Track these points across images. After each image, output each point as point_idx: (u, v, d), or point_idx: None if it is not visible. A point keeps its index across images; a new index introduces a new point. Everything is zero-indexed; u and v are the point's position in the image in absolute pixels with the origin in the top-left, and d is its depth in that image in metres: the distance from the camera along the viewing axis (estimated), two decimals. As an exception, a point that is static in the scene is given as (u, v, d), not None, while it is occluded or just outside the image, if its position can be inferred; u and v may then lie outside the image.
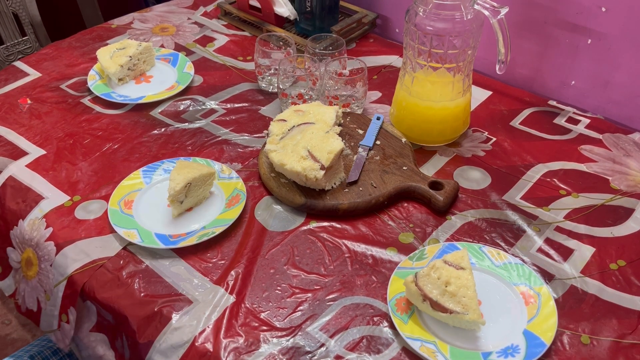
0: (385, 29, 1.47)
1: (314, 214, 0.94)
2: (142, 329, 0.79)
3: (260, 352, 0.75)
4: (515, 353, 0.74)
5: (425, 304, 0.76)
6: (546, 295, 0.80)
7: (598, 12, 1.10)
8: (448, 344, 0.75)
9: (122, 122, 1.14)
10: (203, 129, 1.12)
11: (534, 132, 1.12)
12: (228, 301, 0.81)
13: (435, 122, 1.05)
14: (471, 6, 0.93)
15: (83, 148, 1.08)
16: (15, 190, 1.00)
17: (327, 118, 1.00)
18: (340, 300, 0.82)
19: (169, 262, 0.87)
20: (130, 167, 1.03)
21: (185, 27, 1.44)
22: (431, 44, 0.95)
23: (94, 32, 1.42)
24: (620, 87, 1.15)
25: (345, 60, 1.15)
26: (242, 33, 1.43)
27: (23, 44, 1.62)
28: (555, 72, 1.22)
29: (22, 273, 0.97)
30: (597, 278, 0.85)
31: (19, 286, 0.98)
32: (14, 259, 0.99)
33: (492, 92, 1.23)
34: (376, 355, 0.75)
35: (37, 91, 1.22)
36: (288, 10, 1.35)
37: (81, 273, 0.86)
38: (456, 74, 0.99)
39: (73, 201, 0.97)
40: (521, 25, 1.20)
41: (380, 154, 1.03)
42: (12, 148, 1.08)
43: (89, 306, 0.86)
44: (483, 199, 0.98)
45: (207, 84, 1.25)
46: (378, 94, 1.22)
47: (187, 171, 0.92)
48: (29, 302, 0.96)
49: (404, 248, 0.89)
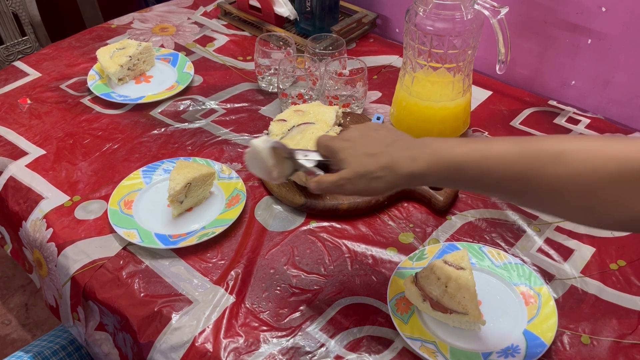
0: (385, 29, 1.47)
1: (314, 214, 0.94)
2: (143, 329, 0.79)
3: (260, 352, 0.75)
4: (515, 353, 0.74)
5: (425, 304, 0.76)
6: (546, 296, 0.80)
7: (598, 12, 1.10)
8: (448, 344, 0.75)
9: (122, 122, 1.14)
10: (203, 129, 1.12)
11: (534, 132, 1.12)
12: (228, 301, 0.81)
13: (435, 122, 1.05)
14: (471, 6, 0.93)
15: (83, 148, 1.08)
16: (16, 190, 1.00)
17: (327, 118, 1.00)
18: (340, 300, 0.82)
19: (169, 262, 0.87)
20: (130, 167, 1.03)
21: (185, 27, 1.44)
22: (431, 44, 0.95)
23: (94, 32, 1.42)
24: (620, 87, 1.15)
25: (345, 60, 1.15)
26: (242, 33, 1.43)
27: (23, 44, 1.62)
28: (556, 72, 1.22)
29: (38, 272, 0.98)
30: (597, 278, 0.85)
31: (41, 281, 0.99)
32: (29, 258, 1.00)
33: (492, 92, 1.23)
34: (376, 355, 0.75)
35: (37, 91, 1.22)
36: (288, 10, 1.35)
37: (82, 273, 0.86)
38: (456, 74, 0.99)
39: (73, 201, 0.97)
40: (521, 25, 1.20)
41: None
42: (12, 148, 1.08)
43: (91, 306, 0.86)
44: (483, 199, 0.98)
45: (207, 84, 1.25)
46: (378, 94, 1.22)
47: (187, 171, 0.92)
48: (49, 298, 0.98)
49: (404, 248, 0.89)
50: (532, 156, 0.55)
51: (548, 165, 0.54)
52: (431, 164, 0.62)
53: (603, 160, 0.52)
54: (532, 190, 0.57)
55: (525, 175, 0.56)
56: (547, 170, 0.54)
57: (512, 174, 0.57)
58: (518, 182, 0.57)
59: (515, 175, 0.57)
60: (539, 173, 0.55)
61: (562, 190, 0.54)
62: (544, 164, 0.54)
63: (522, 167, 0.56)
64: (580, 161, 0.53)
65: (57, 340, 0.99)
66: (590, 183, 0.53)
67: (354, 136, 0.69)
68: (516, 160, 0.56)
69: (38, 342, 0.99)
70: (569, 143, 0.55)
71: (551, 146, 0.55)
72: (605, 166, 0.52)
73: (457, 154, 0.60)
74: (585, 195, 0.54)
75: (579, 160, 0.53)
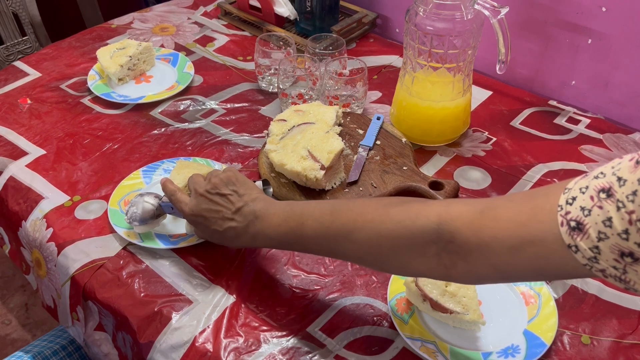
0: (385, 29, 1.47)
1: (314, 214, 0.94)
2: (143, 329, 0.79)
3: (260, 352, 0.75)
4: (515, 353, 0.74)
5: (425, 304, 0.76)
6: (546, 295, 0.80)
7: (598, 12, 1.10)
8: (448, 344, 0.75)
9: (122, 122, 1.14)
10: (203, 129, 1.12)
11: (534, 132, 1.12)
12: (228, 301, 0.81)
13: (436, 122, 1.05)
14: (471, 6, 0.93)
15: (83, 148, 1.08)
16: (16, 190, 1.00)
17: (327, 118, 1.00)
18: (340, 300, 0.82)
19: (169, 262, 0.87)
20: (130, 167, 1.03)
21: (185, 27, 1.44)
22: (431, 44, 0.95)
23: (94, 32, 1.42)
24: (620, 87, 1.15)
25: (345, 60, 1.15)
26: (242, 33, 1.43)
27: (23, 44, 1.62)
28: (556, 72, 1.22)
29: (36, 272, 0.98)
30: (597, 278, 0.85)
31: (39, 282, 0.99)
32: (27, 258, 1.00)
33: (492, 92, 1.23)
34: (376, 355, 0.75)
35: (37, 91, 1.22)
36: (288, 10, 1.35)
37: (82, 273, 0.86)
38: (456, 74, 0.99)
39: (73, 201, 0.97)
40: (521, 25, 1.20)
41: (380, 154, 1.03)
42: (12, 148, 1.07)
43: (90, 306, 0.86)
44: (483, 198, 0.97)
45: (207, 84, 1.25)
46: (378, 93, 1.22)
47: (188, 171, 0.92)
48: (47, 299, 0.97)
49: (404, 248, 0.89)
50: (331, 237, 0.68)
51: (344, 244, 0.67)
52: (263, 241, 0.76)
53: (381, 238, 0.63)
54: (341, 257, 0.73)
55: (331, 250, 0.70)
56: (344, 247, 0.68)
57: (322, 249, 0.72)
58: (329, 254, 0.74)
59: (323, 251, 0.72)
60: (338, 250, 0.69)
61: (359, 259, 0.70)
62: (340, 243, 0.67)
63: (326, 246, 0.70)
64: (364, 239, 0.65)
65: (57, 340, 0.99)
66: (376, 255, 0.66)
67: (201, 211, 0.78)
68: (320, 240, 0.69)
69: (38, 342, 0.99)
70: (361, 217, 0.66)
71: (345, 224, 0.67)
72: (383, 243, 0.63)
73: (277, 234, 0.73)
74: (375, 263, 0.68)
75: (364, 239, 0.65)
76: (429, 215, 0.60)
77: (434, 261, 0.60)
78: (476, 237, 0.56)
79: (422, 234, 0.60)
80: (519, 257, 0.54)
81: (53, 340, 0.99)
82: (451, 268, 0.59)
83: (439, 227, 0.58)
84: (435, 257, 0.60)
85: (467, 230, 0.57)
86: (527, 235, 0.53)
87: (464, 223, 0.57)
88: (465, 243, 0.57)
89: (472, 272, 0.58)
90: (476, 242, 0.56)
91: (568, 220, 0.49)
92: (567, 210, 0.50)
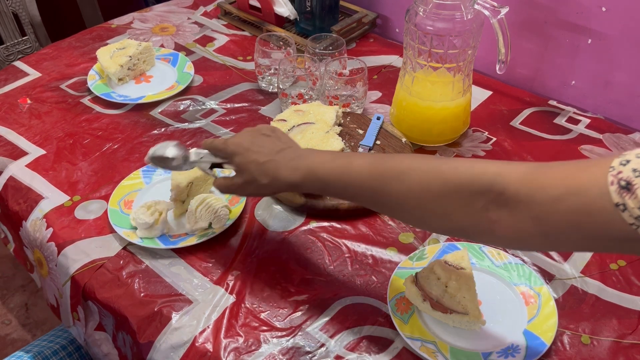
0: (385, 29, 1.47)
1: (314, 214, 0.94)
2: (142, 329, 0.79)
3: (260, 352, 0.75)
4: (515, 353, 0.74)
5: (425, 304, 0.76)
6: (546, 295, 0.80)
7: (598, 12, 1.10)
8: (448, 344, 0.75)
9: (122, 122, 1.14)
10: (203, 129, 1.12)
11: (534, 132, 1.12)
12: (228, 301, 0.81)
13: (436, 122, 1.05)
14: (471, 6, 0.93)
15: (83, 148, 1.08)
16: (16, 190, 1.00)
17: (327, 118, 1.00)
18: (340, 300, 0.82)
19: (169, 262, 0.87)
20: (130, 167, 1.03)
21: (185, 27, 1.44)
22: (431, 44, 0.95)
23: (94, 32, 1.42)
24: (620, 87, 1.15)
25: (345, 60, 1.15)
26: (242, 33, 1.43)
27: (23, 44, 1.62)
28: (556, 72, 1.22)
29: (38, 271, 0.98)
30: (597, 278, 0.85)
31: (42, 281, 0.99)
32: (30, 257, 1.00)
33: (492, 92, 1.23)
34: (376, 355, 0.75)
35: (37, 91, 1.22)
36: (288, 10, 1.35)
37: (82, 273, 0.86)
38: (456, 74, 0.99)
39: (73, 201, 0.97)
40: (521, 25, 1.20)
41: (380, 154, 1.03)
42: (12, 148, 1.08)
43: (91, 306, 0.86)
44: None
45: (207, 84, 1.25)
46: (378, 93, 1.22)
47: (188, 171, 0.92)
48: (50, 298, 0.98)
49: (404, 248, 0.89)
50: (380, 174, 0.66)
51: (391, 183, 0.65)
52: (305, 176, 0.72)
53: (432, 180, 0.62)
54: (380, 202, 0.68)
55: (374, 190, 0.67)
56: (390, 187, 0.65)
57: (364, 189, 0.68)
58: (370, 195, 0.68)
59: (367, 190, 0.68)
60: (384, 190, 0.66)
61: (402, 204, 0.66)
62: (387, 182, 0.65)
63: (371, 184, 0.67)
64: (415, 181, 0.63)
65: (57, 340, 0.99)
66: (422, 199, 0.63)
67: (245, 142, 0.77)
68: (367, 177, 0.67)
69: (38, 342, 0.99)
70: (410, 163, 0.65)
71: (395, 166, 0.66)
72: (433, 185, 0.62)
73: (324, 169, 0.71)
74: (418, 209, 0.65)
75: (414, 180, 0.63)
76: (487, 168, 0.60)
77: (480, 215, 0.60)
78: (526, 187, 0.56)
79: (474, 183, 0.59)
80: (561, 206, 0.54)
81: (53, 340, 0.99)
82: (495, 223, 0.59)
83: (493, 179, 0.58)
84: (481, 210, 0.59)
85: (518, 183, 0.57)
86: (573, 185, 0.53)
87: (518, 176, 0.57)
88: (514, 195, 0.57)
89: (515, 227, 0.58)
90: (525, 192, 0.56)
91: (619, 180, 0.50)
92: (619, 170, 0.50)
